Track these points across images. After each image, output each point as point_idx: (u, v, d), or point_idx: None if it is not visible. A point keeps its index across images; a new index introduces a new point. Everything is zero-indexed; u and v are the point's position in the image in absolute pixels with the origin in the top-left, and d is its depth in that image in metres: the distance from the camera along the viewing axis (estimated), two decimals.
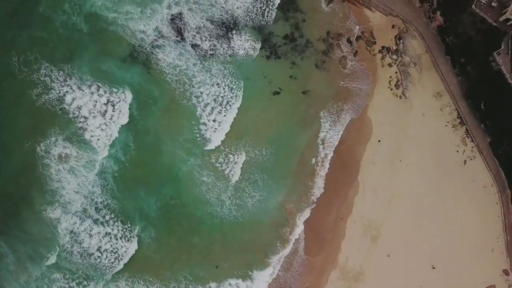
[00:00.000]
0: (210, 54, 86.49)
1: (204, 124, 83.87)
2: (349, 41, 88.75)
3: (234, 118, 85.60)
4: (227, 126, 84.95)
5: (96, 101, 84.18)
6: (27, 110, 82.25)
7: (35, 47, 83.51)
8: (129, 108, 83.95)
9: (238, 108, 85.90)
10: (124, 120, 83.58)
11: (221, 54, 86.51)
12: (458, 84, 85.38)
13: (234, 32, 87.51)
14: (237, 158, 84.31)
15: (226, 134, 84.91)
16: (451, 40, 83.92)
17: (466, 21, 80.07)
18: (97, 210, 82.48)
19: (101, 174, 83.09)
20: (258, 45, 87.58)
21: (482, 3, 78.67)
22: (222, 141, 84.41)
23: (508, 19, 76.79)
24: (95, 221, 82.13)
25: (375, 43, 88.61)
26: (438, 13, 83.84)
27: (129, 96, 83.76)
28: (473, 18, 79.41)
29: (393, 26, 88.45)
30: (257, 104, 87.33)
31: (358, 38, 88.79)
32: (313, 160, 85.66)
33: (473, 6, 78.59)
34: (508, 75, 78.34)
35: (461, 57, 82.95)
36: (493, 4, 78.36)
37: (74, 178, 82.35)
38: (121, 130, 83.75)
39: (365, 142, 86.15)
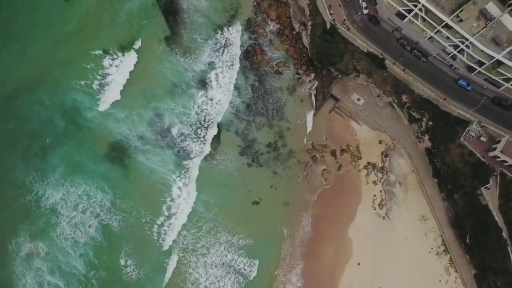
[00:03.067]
0: (190, 161, 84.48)
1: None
2: (333, 154, 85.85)
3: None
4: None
5: (69, 197, 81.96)
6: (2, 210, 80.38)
7: (10, 142, 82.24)
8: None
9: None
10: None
11: (200, 163, 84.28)
12: (444, 209, 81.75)
13: (213, 138, 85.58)
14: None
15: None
16: (439, 164, 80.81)
17: (454, 152, 76.90)
18: None
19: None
20: (239, 155, 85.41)
21: (471, 136, 75.74)
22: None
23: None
24: None
25: (360, 158, 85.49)
26: (427, 136, 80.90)
27: None
28: (461, 150, 76.33)
29: (380, 142, 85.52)
30: (235, 213, 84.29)
31: (343, 151, 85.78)
32: (283, 280, 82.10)
33: (462, 138, 75.74)
34: (495, 212, 74.80)
35: (448, 184, 79.52)
36: (482, 138, 75.43)
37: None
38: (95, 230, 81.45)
39: (344, 263, 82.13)
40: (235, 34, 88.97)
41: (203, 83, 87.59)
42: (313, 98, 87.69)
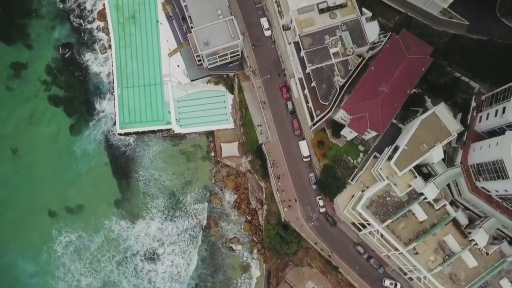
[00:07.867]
0: None
1: None
2: None
3: None
4: None
5: None
6: None
7: None
8: None
9: None
10: None
11: None
12: None
13: None
14: None
15: None
16: None
17: None
18: None
19: None
20: None
21: None
22: None
23: None
24: None
25: None
26: None
27: None
28: None
29: None
30: None
31: None
32: None
33: None
34: None
35: None
36: None
37: None
38: None
39: None
40: (189, 205, 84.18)
41: (150, 256, 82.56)
42: (267, 281, 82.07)
